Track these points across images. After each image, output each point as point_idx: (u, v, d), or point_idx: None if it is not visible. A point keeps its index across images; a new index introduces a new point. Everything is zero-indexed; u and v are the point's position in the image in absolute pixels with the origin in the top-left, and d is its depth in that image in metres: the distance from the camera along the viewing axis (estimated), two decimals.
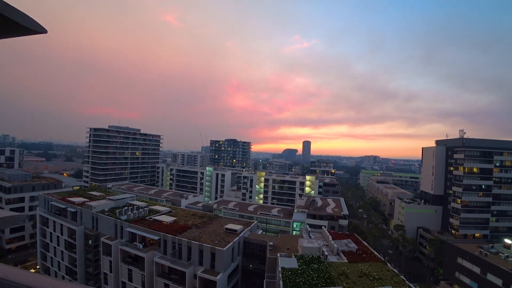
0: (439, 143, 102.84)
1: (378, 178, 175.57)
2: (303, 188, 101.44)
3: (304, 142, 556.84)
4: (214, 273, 35.63)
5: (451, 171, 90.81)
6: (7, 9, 1.83)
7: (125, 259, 42.22)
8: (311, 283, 24.72)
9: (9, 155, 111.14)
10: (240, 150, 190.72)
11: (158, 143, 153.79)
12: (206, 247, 36.58)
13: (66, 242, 51.81)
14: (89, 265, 49.71)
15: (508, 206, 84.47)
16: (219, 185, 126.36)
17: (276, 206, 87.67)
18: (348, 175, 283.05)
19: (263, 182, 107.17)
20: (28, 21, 2.03)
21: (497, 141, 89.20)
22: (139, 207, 51.57)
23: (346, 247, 35.58)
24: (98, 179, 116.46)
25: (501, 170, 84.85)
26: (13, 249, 71.40)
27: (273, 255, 34.97)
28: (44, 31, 2.19)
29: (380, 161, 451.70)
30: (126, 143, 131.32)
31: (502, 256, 50.30)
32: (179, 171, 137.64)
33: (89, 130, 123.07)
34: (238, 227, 43.41)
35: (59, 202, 54.49)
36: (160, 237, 39.94)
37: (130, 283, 41.37)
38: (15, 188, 75.23)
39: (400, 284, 25.61)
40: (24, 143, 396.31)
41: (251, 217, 70.49)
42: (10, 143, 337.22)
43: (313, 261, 29.65)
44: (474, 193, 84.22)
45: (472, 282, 51.68)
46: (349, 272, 27.55)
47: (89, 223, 49.32)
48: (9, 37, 2.19)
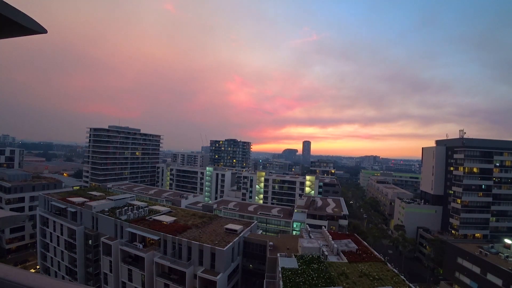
0: (439, 143, 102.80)
1: (378, 178, 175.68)
2: (303, 188, 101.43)
3: (304, 142, 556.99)
4: (214, 273, 35.63)
5: (451, 171, 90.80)
6: (7, 9, 1.83)
7: (125, 259, 42.22)
8: (311, 283, 24.72)
9: (9, 155, 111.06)
10: (240, 150, 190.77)
11: (158, 143, 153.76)
12: (206, 247, 36.58)
13: (66, 242, 51.79)
14: (89, 265, 49.68)
15: (508, 206, 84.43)
16: (219, 185, 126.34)
17: (276, 206, 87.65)
18: (348, 175, 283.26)
19: (263, 182, 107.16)
20: (28, 21, 2.03)
21: (497, 141, 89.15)
22: (139, 207, 51.58)
23: (346, 247, 35.57)
24: (98, 179, 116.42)
25: (501, 170, 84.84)
26: (13, 249, 71.37)
27: (273, 255, 34.98)
28: (44, 31, 2.19)
29: (380, 161, 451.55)
30: (126, 143, 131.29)
31: (502, 256, 50.28)
32: (179, 171, 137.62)
33: (89, 130, 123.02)
34: (238, 227, 43.40)
35: (59, 202, 54.48)
36: (160, 237, 39.94)
37: (130, 283, 41.37)
38: (15, 188, 75.21)
39: (400, 284, 25.61)
40: (24, 143, 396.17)
41: (251, 217, 70.46)
42: (10, 143, 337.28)
43: (313, 261, 29.64)
44: (474, 193, 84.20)
45: (472, 282, 51.64)
46: (349, 272, 27.54)
47: (89, 223, 49.30)
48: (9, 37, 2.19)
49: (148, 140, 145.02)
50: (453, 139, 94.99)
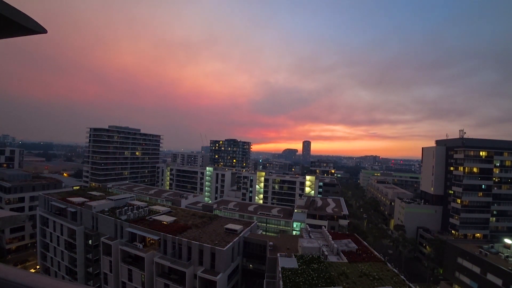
0: (439, 143, 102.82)
1: (378, 178, 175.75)
2: (303, 188, 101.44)
3: (304, 142, 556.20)
4: (214, 273, 35.63)
5: (451, 171, 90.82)
6: (7, 9, 1.83)
7: (125, 259, 42.23)
8: (311, 283, 24.71)
9: (9, 155, 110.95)
10: (240, 150, 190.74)
11: (158, 143, 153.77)
12: (206, 247, 36.58)
13: (66, 242, 51.82)
14: (89, 265, 49.67)
15: (508, 206, 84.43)
16: (219, 185, 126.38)
17: (276, 206, 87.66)
18: (348, 175, 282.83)
19: (263, 182, 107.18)
20: (28, 21, 2.03)
21: (497, 141, 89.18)
22: (139, 207, 51.58)
23: (346, 247, 35.57)
24: (98, 179, 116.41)
25: (501, 170, 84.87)
26: (13, 249, 71.27)
27: (273, 255, 34.97)
28: (44, 31, 2.19)
29: (380, 161, 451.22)
30: (126, 143, 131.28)
31: (502, 256, 50.31)
32: (179, 171, 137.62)
33: (89, 130, 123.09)
34: (238, 227, 43.41)
35: (59, 202, 54.49)
36: (160, 237, 39.94)
37: (130, 283, 41.38)
38: (15, 188, 75.17)
39: (400, 284, 25.61)
40: (24, 143, 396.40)
41: (251, 217, 70.48)
42: (10, 143, 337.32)
43: (313, 261, 29.63)
44: (474, 193, 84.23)
45: (472, 282, 51.68)
46: (349, 272, 27.54)
47: (89, 223, 49.30)
48: (9, 37, 2.19)
49: (148, 140, 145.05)
50: (453, 139, 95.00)
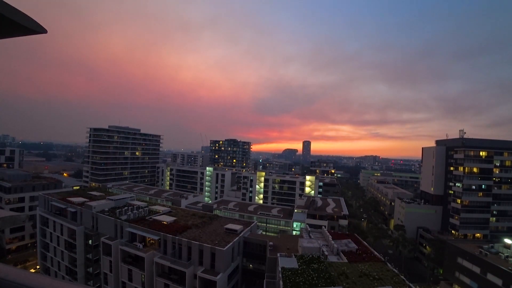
0: (439, 143, 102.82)
1: (378, 178, 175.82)
2: (303, 188, 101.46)
3: (304, 142, 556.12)
4: (214, 273, 35.61)
5: (451, 171, 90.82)
6: (7, 9, 1.83)
7: (125, 259, 42.21)
8: (311, 283, 24.72)
9: (9, 155, 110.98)
10: (240, 150, 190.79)
11: (158, 143, 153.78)
12: (206, 247, 36.57)
13: (66, 242, 51.80)
14: (89, 265, 49.67)
15: (508, 206, 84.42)
16: (219, 185, 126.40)
17: (276, 206, 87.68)
18: (348, 175, 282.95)
19: (263, 182, 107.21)
20: (28, 21, 2.03)
21: (497, 141, 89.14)
22: (139, 207, 51.56)
23: (346, 247, 35.57)
24: (98, 179, 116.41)
25: (501, 170, 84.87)
26: (13, 249, 71.21)
27: (273, 255, 34.96)
28: (44, 31, 2.19)
29: (380, 161, 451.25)
30: (126, 143, 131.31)
31: (502, 256, 50.24)
32: (179, 171, 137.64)
33: (89, 130, 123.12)
34: (238, 227, 43.40)
35: (59, 202, 54.48)
36: (160, 237, 39.94)
37: (130, 283, 41.36)
38: (15, 188, 75.12)
39: (400, 284, 25.61)
40: (24, 143, 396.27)
41: (251, 217, 70.49)
42: (10, 143, 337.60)
43: (313, 261, 29.64)
44: (474, 193, 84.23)
45: (472, 282, 51.64)
46: (349, 272, 27.54)
47: (89, 223, 49.29)
48: (9, 37, 2.19)
49: (148, 140, 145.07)
50: (453, 139, 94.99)
